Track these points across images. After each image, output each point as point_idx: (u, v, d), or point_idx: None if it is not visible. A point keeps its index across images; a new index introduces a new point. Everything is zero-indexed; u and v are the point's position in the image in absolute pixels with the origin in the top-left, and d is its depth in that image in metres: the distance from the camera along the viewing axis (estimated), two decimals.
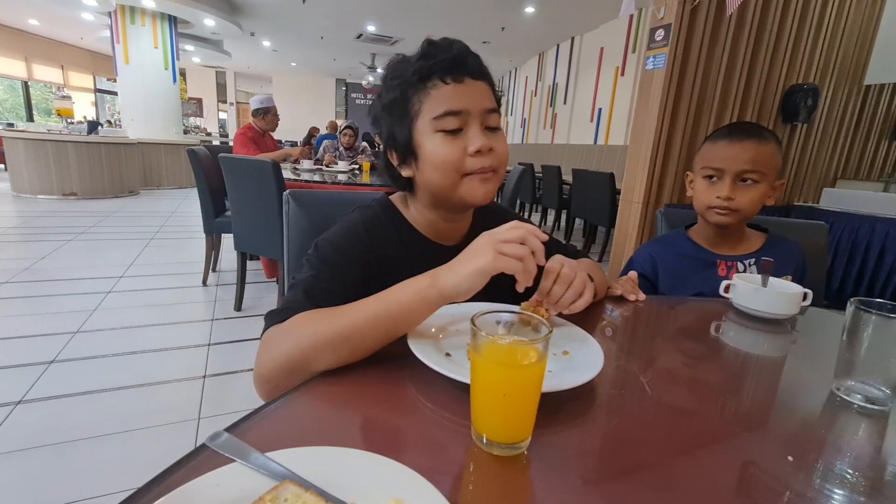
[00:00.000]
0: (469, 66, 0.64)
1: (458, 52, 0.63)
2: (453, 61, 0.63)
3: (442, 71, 0.62)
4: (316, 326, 0.51)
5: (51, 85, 11.13)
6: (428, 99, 0.63)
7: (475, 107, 0.63)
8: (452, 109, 0.62)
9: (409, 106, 0.64)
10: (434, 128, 0.63)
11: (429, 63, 0.62)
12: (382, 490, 0.31)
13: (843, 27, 2.95)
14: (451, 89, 0.62)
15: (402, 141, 0.66)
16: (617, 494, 0.36)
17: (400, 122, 0.66)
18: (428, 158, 0.64)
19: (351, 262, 0.64)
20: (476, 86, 0.64)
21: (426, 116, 0.63)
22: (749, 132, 0.95)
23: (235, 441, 0.35)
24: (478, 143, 0.62)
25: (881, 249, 2.64)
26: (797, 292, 0.74)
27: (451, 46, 0.64)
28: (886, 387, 0.49)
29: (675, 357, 0.64)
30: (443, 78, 0.62)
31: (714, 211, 0.98)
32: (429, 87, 0.63)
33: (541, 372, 0.37)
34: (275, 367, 0.52)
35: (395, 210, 0.74)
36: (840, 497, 0.36)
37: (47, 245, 3.58)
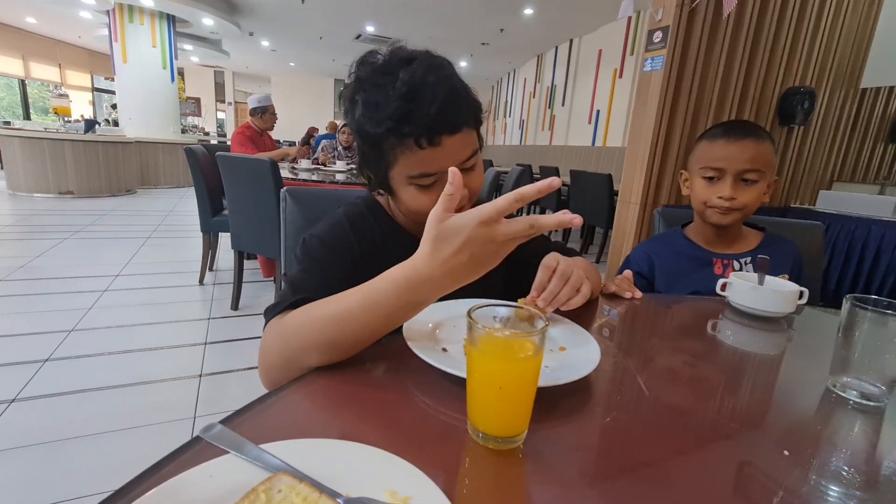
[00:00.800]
0: (447, 124, 0.59)
1: (436, 112, 0.57)
2: (430, 125, 0.57)
3: (418, 136, 0.58)
4: (304, 328, 0.51)
5: (48, 83, 11.09)
6: (402, 156, 0.61)
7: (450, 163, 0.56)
8: (428, 172, 0.61)
9: (382, 153, 0.62)
10: (409, 182, 0.63)
11: (405, 128, 0.57)
12: (376, 481, 0.31)
13: (840, 31, 2.96)
14: (426, 154, 0.59)
15: (377, 180, 0.67)
16: (613, 490, 0.35)
17: (374, 163, 0.65)
18: (404, 202, 0.66)
19: (337, 256, 0.65)
20: (453, 142, 0.60)
21: (401, 172, 0.62)
22: (746, 131, 0.96)
23: (229, 433, 0.35)
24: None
25: (877, 251, 2.65)
26: (793, 291, 0.74)
27: (431, 101, 0.57)
28: (881, 383, 0.49)
29: (672, 355, 0.64)
30: (418, 142, 0.58)
31: (715, 210, 0.98)
32: (403, 145, 0.59)
33: (537, 366, 0.37)
34: (271, 362, 0.53)
35: (380, 207, 0.76)
36: (836, 493, 0.36)
37: (43, 243, 3.56)
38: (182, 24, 7.66)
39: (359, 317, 0.48)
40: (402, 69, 0.58)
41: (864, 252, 2.70)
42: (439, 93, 0.57)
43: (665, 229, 1.19)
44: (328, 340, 0.49)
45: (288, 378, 0.49)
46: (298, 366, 0.51)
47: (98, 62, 11.57)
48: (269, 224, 2.26)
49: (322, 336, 0.49)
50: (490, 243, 0.42)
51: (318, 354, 0.50)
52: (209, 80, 14.50)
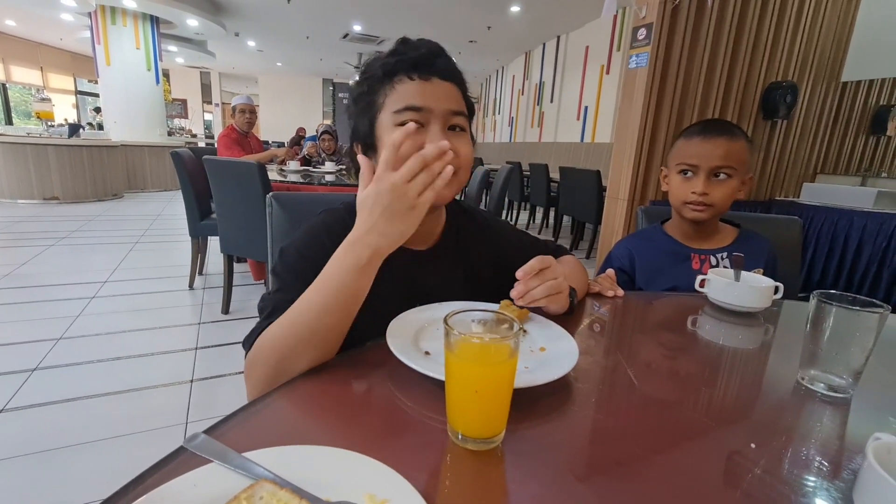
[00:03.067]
0: (437, 66, 0.63)
1: (427, 51, 0.63)
2: (421, 59, 0.62)
3: (408, 67, 0.62)
4: (276, 339, 0.52)
5: (30, 87, 10.89)
6: (392, 93, 0.62)
7: (438, 106, 0.61)
8: (414, 105, 0.61)
9: (374, 99, 0.64)
10: (394, 121, 0.62)
11: (396, 59, 0.62)
12: (356, 485, 0.32)
13: (820, 25, 3.01)
14: (415, 86, 0.62)
15: (364, 132, 0.66)
16: (589, 487, 0.37)
17: (364, 114, 0.65)
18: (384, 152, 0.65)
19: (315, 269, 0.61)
20: (442, 86, 0.63)
21: (388, 110, 0.63)
22: (721, 129, 0.99)
23: (212, 442, 0.35)
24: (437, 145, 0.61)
25: (859, 242, 2.71)
26: (769, 286, 0.77)
27: (422, 45, 0.64)
28: (848, 375, 0.51)
29: (652, 351, 0.65)
30: (409, 74, 0.62)
31: (690, 207, 1.01)
32: (394, 82, 0.62)
33: (512, 369, 0.38)
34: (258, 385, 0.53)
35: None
36: (801, 483, 0.38)
37: (29, 250, 3.52)
38: (166, 26, 7.56)
39: (315, 301, 0.51)
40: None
41: (847, 242, 2.75)
42: (429, 45, 0.64)
43: (644, 227, 1.21)
44: (301, 340, 0.51)
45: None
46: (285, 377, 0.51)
47: (81, 65, 11.39)
48: (258, 227, 2.25)
49: (294, 339, 0.51)
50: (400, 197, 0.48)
51: (299, 359, 0.51)
52: (195, 82, 14.34)
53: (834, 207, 2.81)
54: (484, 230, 0.80)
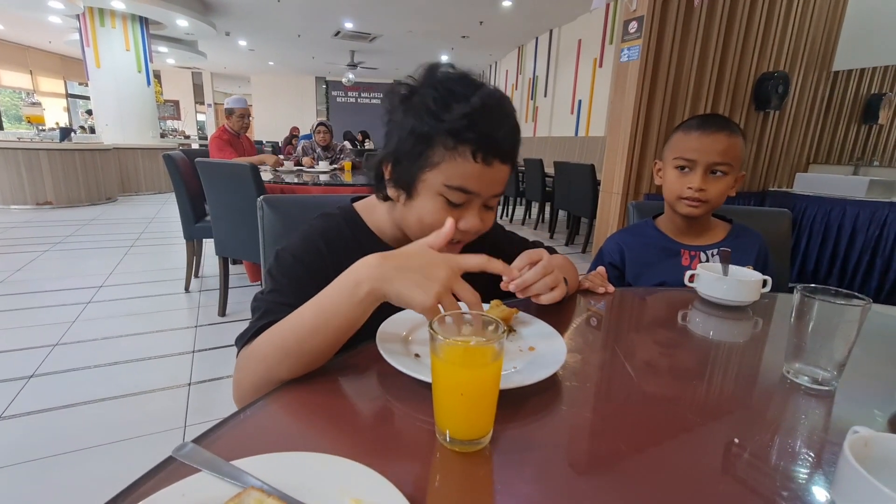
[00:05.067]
0: (504, 151, 0.61)
1: (503, 134, 0.60)
2: (495, 142, 0.60)
3: (478, 146, 0.59)
4: (268, 346, 0.52)
5: (20, 91, 10.80)
6: (450, 162, 0.60)
7: (487, 191, 0.63)
8: (466, 188, 0.61)
9: (429, 151, 0.60)
10: (440, 191, 0.61)
11: (470, 133, 0.58)
12: (343, 491, 0.32)
13: (811, 15, 3.02)
14: (477, 169, 0.60)
15: (405, 173, 0.63)
16: (576, 483, 0.37)
17: (412, 157, 0.62)
18: (419, 210, 0.64)
19: (311, 274, 0.63)
20: (500, 170, 0.62)
21: (439, 176, 0.61)
22: (720, 125, 0.98)
23: (201, 451, 0.36)
24: (470, 225, 0.63)
25: (852, 230, 2.72)
26: (757, 280, 0.77)
27: (501, 124, 0.60)
28: (831, 367, 0.52)
29: (641, 346, 0.66)
30: (475, 153, 0.59)
31: (685, 202, 1.01)
32: (457, 153, 0.59)
33: (497, 371, 0.39)
34: (245, 391, 0.54)
35: (358, 219, 0.73)
36: (785, 474, 0.39)
37: (23, 256, 3.50)
38: (155, 26, 7.50)
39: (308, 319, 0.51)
40: (479, 89, 0.60)
41: (841, 231, 2.77)
42: (509, 121, 0.62)
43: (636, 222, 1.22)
44: (288, 355, 0.50)
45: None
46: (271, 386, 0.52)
47: (71, 67, 11.30)
48: (253, 229, 2.22)
49: (281, 353, 0.51)
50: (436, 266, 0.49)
51: (287, 370, 0.51)
52: (187, 82, 14.24)
53: (827, 197, 2.83)
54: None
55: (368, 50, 10.27)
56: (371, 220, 0.73)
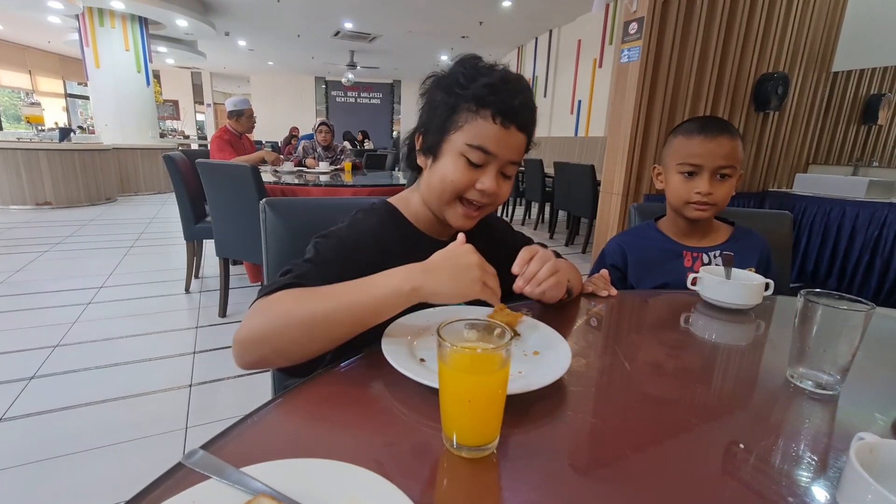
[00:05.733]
0: (521, 118, 0.67)
1: (520, 104, 0.67)
2: (511, 108, 0.66)
3: (498, 109, 0.65)
4: (294, 304, 0.54)
5: (19, 91, 10.78)
6: (473, 123, 0.66)
7: (504, 154, 0.67)
8: (486, 148, 0.66)
9: (454, 117, 0.68)
10: (462, 150, 0.67)
11: (491, 96, 0.65)
12: (353, 498, 0.32)
13: (811, 16, 3.02)
14: (495, 130, 0.66)
15: (432, 139, 0.70)
16: (581, 490, 0.38)
17: (440, 123, 0.69)
18: (441, 169, 0.69)
19: (352, 260, 0.66)
20: (516, 137, 0.68)
21: (462, 137, 0.67)
22: (721, 128, 0.98)
23: (210, 458, 0.36)
24: (487, 185, 0.68)
25: (851, 230, 2.73)
26: (759, 283, 0.78)
27: (520, 93, 0.67)
28: (835, 372, 0.52)
29: (645, 350, 0.66)
30: (494, 116, 0.65)
31: (693, 206, 1.01)
32: (479, 115, 0.66)
33: (504, 378, 0.39)
34: (250, 335, 0.54)
35: (396, 212, 0.78)
36: (789, 479, 0.39)
37: (23, 257, 3.50)
38: (155, 26, 7.49)
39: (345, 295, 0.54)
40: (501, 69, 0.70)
41: (840, 231, 2.78)
42: (526, 94, 0.69)
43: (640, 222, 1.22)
44: (318, 320, 0.53)
45: (261, 357, 0.54)
46: (280, 346, 0.53)
47: (70, 67, 11.28)
48: (254, 230, 2.24)
49: (311, 316, 0.53)
50: (471, 268, 0.55)
51: (302, 336, 0.53)
52: (186, 82, 14.22)
53: (826, 197, 2.83)
54: (489, 226, 0.85)
55: (368, 50, 10.26)
56: (408, 212, 0.77)
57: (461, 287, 0.55)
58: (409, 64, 11.79)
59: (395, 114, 15.07)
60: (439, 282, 0.54)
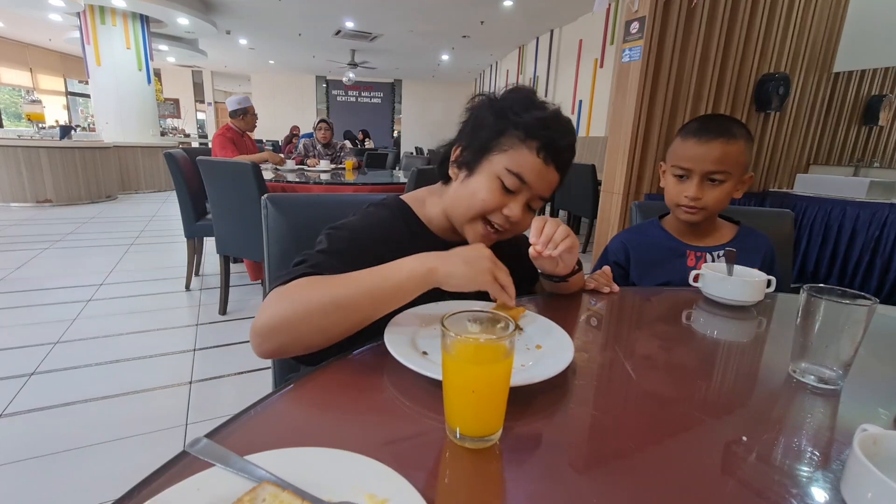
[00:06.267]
0: (562, 159, 0.70)
1: (566, 145, 0.70)
2: (558, 147, 0.69)
3: (544, 145, 0.68)
4: (312, 291, 0.55)
5: (19, 88, 10.77)
6: (515, 151, 0.68)
7: (538, 188, 0.70)
8: (523, 177, 0.68)
9: (499, 139, 0.70)
10: (499, 173, 0.69)
11: (542, 130, 0.68)
12: (357, 486, 0.32)
13: (812, 16, 3.02)
14: (536, 162, 0.68)
15: (472, 154, 0.72)
16: (585, 481, 0.38)
17: (484, 141, 0.71)
18: (474, 185, 0.70)
19: (362, 252, 0.66)
20: (552, 174, 0.71)
21: (503, 160, 0.69)
22: (719, 130, 0.96)
23: (215, 446, 0.36)
24: (514, 212, 0.69)
25: (852, 231, 2.73)
26: (761, 280, 0.78)
27: (568, 136, 0.70)
28: (837, 367, 0.52)
29: (647, 345, 0.66)
30: (539, 150, 0.68)
31: (682, 209, 1.01)
32: (524, 145, 0.68)
33: (507, 368, 0.39)
34: (271, 322, 0.54)
35: (409, 209, 0.78)
36: (793, 472, 0.39)
37: (23, 254, 3.50)
38: (156, 25, 7.49)
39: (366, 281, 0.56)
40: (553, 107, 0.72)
41: (841, 232, 2.78)
42: (571, 137, 0.72)
43: (642, 221, 1.22)
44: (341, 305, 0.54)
45: (281, 346, 0.54)
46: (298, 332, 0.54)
47: (71, 65, 11.27)
48: (254, 227, 2.25)
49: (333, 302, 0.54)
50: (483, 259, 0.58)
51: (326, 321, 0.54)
52: (187, 81, 14.21)
53: (827, 198, 2.83)
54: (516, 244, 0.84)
55: (369, 49, 10.26)
56: (421, 212, 0.78)
57: (474, 273, 0.56)
58: (410, 63, 11.79)
59: (396, 113, 15.06)
60: (454, 265, 0.56)
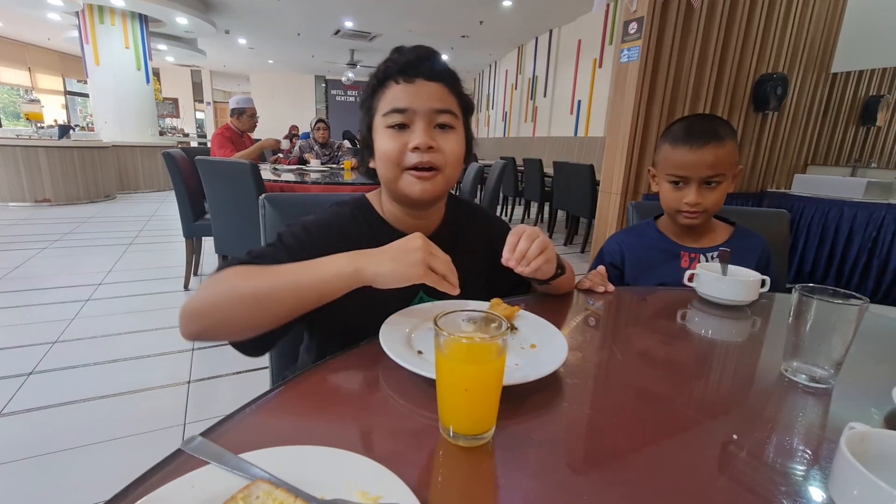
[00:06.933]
0: (423, 68, 0.66)
1: (414, 56, 0.66)
2: (407, 64, 0.66)
3: (395, 73, 0.66)
4: (238, 279, 0.56)
5: (18, 87, 10.76)
6: (383, 98, 0.67)
7: (422, 106, 0.65)
8: (397, 107, 0.65)
9: (371, 104, 0.69)
10: (384, 124, 0.67)
11: (386, 65, 0.67)
12: (349, 483, 0.33)
13: (810, 16, 3.03)
14: (400, 89, 0.66)
15: (365, 135, 0.72)
16: (576, 478, 0.38)
17: (365, 117, 0.71)
18: (377, 151, 0.69)
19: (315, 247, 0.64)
20: (428, 86, 0.66)
21: (379, 114, 0.68)
22: (707, 135, 0.96)
23: (209, 444, 0.36)
24: (416, 140, 0.65)
25: (849, 231, 2.74)
26: (755, 280, 0.78)
27: (411, 51, 0.67)
28: (829, 366, 0.53)
29: (641, 345, 0.67)
30: (395, 79, 0.66)
31: (683, 215, 1.01)
32: (385, 88, 0.67)
33: (500, 367, 0.39)
34: (195, 306, 0.56)
35: (370, 206, 0.77)
36: (783, 470, 0.39)
37: (22, 254, 3.50)
38: (155, 24, 7.48)
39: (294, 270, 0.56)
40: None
41: (838, 232, 2.78)
42: (421, 50, 0.68)
43: (639, 221, 1.22)
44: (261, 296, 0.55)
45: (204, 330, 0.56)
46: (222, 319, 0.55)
47: (70, 64, 11.26)
48: (253, 227, 2.23)
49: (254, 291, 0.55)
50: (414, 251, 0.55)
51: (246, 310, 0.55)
52: (186, 80, 14.20)
53: (824, 198, 2.84)
54: (482, 225, 0.84)
55: (368, 49, 10.25)
56: (379, 206, 0.77)
57: (402, 268, 0.54)
58: None
59: None
60: (381, 263, 0.55)
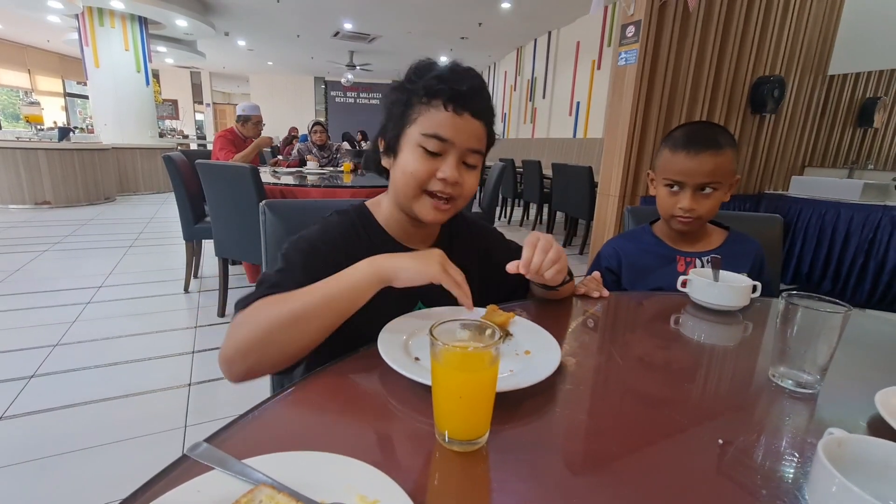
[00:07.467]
0: (473, 105, 0.67)
1: (469, 88, 0.67)
2: (461, 95, 0.66)
3: (448, 97, 0.66)
4: (271, 309, 0.57)
5: (18, 90, 10.77)
6: (426, 114, 0.67)
7: (463, 142, 0.67)
8: (440, 135, 0.66)
9: (409, 111, 0.69)
10: (418, 142, 0.67)
11: (440, 85, 0.66)
12: (349, 487, 0.34)
13: (807, 19, 3.04)
14: (447, 117, 0.66)
15: (391, 136, 0.71)
16: (569, 482, 0.39)
17: (396, 119, 0.70)
18: (402, 163, 0.70)
19: (324, 262, 0.66)
20: (472, 123, 0.68)
21: (417, 128, 0.68)
22: (706, 143, 0.97)
23: (214, 450, 0.38)
24: (447, 174, 0.67)
25: (846, 233, 2.75)
26: (747, 285, 0.80)
27: (468, 80, 0.68)
28: (814, 371, 0.54)
29: (635, 350, 0.68)
30: (446, 104, 0.66)
31: (677, 220, 1.03)
32: (431, 105, 0.67)
33: (493, 375, 0.41)
34: (237, 348, 0.56)
35: (369, 214, 0.78)
36: (765, 475, 0.41)
37: (22, 256, 3.51)
38: (155, 26, 7.50)
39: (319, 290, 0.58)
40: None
41: (835, 233, 2.80)
42: (476, 80, 0.69)
43: (635, 226, 1.24)
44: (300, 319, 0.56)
45: (252, 366, 0.56)
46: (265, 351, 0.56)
47: (69, 66, 11.28)
48: (253, 230, 2.26)
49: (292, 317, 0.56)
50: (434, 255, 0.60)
51: (287, 339, 0.56)
52: (186, 82, 14.22)
53: (821, 200, 2.86)
54: (476, 235, 0.86)
55: (367, 50, 10.28)
56: (380, 216, 0.78)
57: (422, 266, 0.58)
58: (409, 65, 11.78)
59: None
60: (402, 260, 0.59)
